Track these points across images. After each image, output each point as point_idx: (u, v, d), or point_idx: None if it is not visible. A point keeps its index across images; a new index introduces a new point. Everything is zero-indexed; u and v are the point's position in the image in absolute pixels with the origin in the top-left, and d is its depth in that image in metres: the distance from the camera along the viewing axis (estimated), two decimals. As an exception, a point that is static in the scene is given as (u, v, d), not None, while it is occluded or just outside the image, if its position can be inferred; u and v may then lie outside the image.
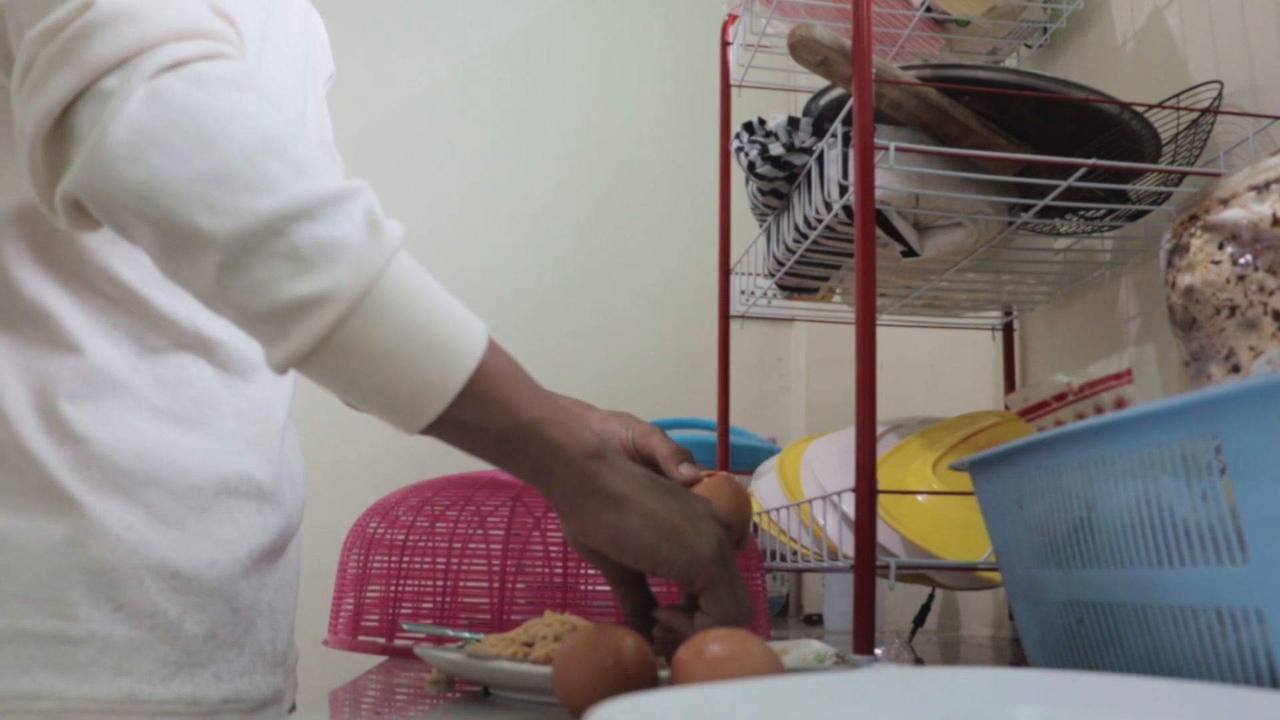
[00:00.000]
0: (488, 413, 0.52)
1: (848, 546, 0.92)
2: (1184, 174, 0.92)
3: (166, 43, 0.52)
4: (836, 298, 1.29)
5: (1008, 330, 1.36)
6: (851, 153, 0.85)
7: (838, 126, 0.95)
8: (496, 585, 0.86)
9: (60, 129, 0.53)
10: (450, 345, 0.51)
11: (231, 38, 0.57)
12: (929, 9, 1.13)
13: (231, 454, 0.71)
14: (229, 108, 0.52)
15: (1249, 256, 0.70)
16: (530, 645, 0.63)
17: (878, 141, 0.84)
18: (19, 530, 0.62)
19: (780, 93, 1.57)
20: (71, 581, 0.62)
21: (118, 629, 0.63)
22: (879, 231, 0.99)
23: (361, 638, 0.89)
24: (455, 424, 0.52)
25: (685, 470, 0.66)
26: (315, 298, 0.49)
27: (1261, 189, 0.73)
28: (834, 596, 1.38)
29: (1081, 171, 0.88)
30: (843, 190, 0.93)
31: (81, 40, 0.51)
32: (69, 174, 0.52)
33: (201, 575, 0.67)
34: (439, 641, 0.78)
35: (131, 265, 0.66)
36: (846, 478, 0.82)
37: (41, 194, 0.55)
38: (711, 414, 1.40)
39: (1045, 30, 1.22)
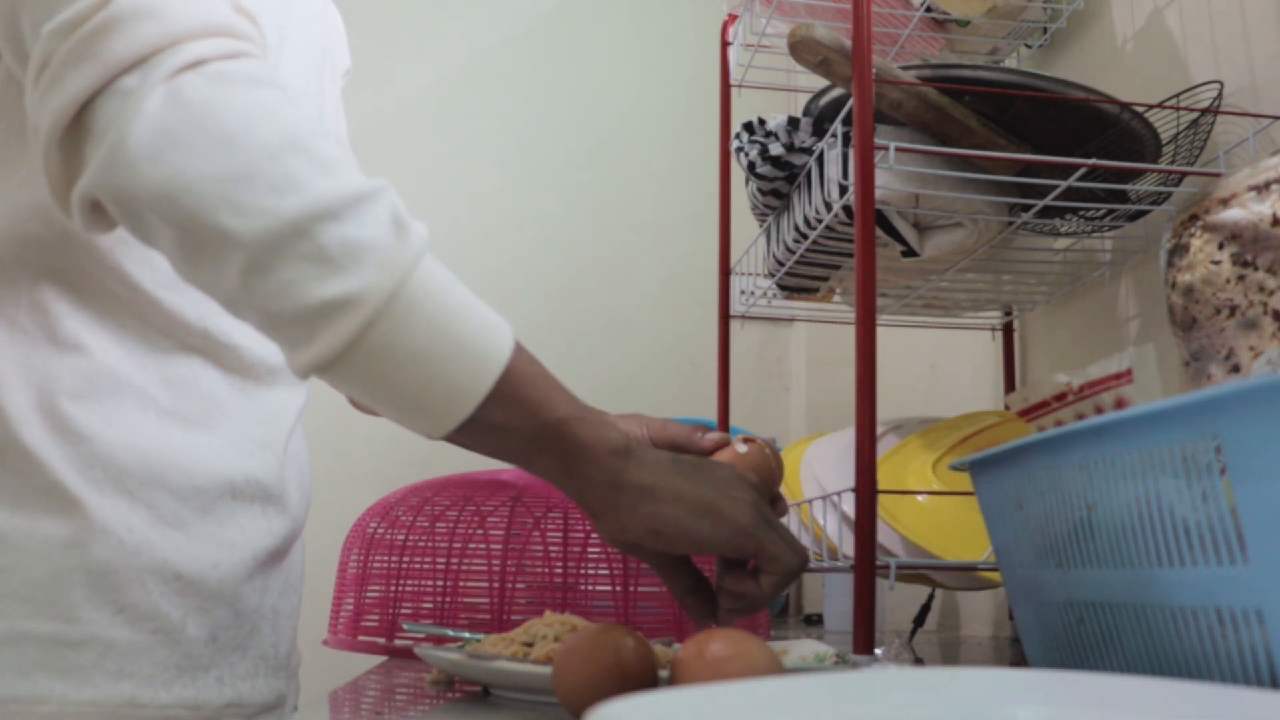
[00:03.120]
0: (516, 413, 0.52)
1: (848, 546, 0.92)
2: (1184, 174, 0.92)
3: (187, 40, 0.51)
4: (836, 298, 1.29)
5: (1008, 330, 1.36)
6: (851, 153, 0.85)
7: (838, 126, 0.95)
8: (496, 585, 0.86)
9: (77, 127, 0.51)
10: (479, 346, 0.51)
11: (254, 35, 0.56)
12: (929, 9, 1.13)
13: (238, 456, 0.70)
14: (251, 105, 0.51)
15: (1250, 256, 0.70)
16: (530, 645, 0.63)
17: (878, 141, 0.84)
18: (20, 530, 0.60)
19: (780, 93, 1.57)
20: (73, 583, 0.61)
21: (119, 632, 0.62)
22: (879, 231, 0.99)
23: (361, 638, 0.89)
24: (483, 425, 0.51)
25: (712, 435, 0.66)
26: (343, 300, 0.48)
27: (1261, 189, 0.73)
28: (834, 596, 1.38)
29: (1081, 171, 0.88)
30: (843, 190, 0.93)
31: (101, 36, 0.50)
32: (86, 174, 0.51)
33: (204, 578, 0.66)
34: (439, 641, 0.78)
35: (144, 265, 0.65)
36: (846, 478, 0.82)
37: (57, 193, 0.53)
38: (712, 414, 1.40)
39: (1045, 30, 1.22)
